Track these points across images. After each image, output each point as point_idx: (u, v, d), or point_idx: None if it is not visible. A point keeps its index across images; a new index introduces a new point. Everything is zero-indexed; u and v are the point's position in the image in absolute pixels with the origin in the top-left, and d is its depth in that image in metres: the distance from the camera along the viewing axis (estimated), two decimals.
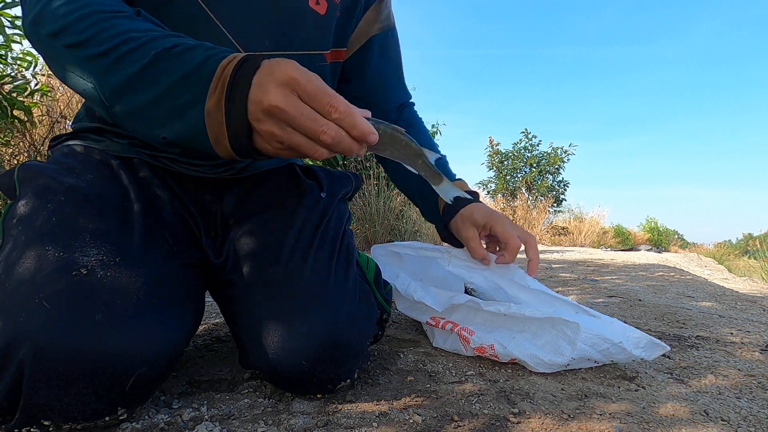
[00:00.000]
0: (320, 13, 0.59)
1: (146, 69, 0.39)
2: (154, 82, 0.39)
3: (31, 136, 2.00)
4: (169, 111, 0.39)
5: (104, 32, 0.39)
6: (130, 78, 0.39)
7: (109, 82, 0.40)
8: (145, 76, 0.39)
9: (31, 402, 0.39)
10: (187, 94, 0.38)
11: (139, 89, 0.39)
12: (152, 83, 0.39)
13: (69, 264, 0.42)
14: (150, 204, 0.54)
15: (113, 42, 0.39)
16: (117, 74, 0.39)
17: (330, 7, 0.60)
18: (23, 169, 0.51)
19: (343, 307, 0.53)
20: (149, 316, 0.44)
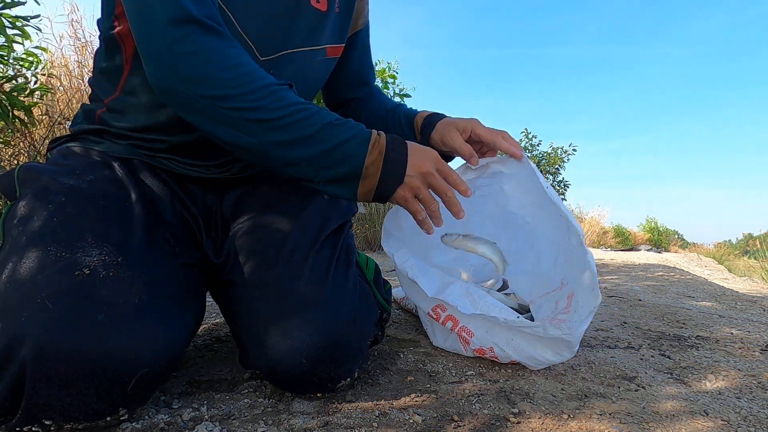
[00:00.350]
0: (321, 10, 0.61)
1: (320, 131, 0.50)
2: (323, 140, 0.50)
3: (31, 136, 2.00)
4: (333, 161, 0.51)
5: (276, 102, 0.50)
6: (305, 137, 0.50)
7: (278, 138, 0.50)
8: (319, 136, 0.50)
9: (33, 401, 0.39)
10: (351, 149, 0.51)
11: (308, 144, 0.50)
12: (322, 141, 0.50)
13: (71, 264, 0.42)
14: (151, 204, 0.54)
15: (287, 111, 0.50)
16: (289, 133, 0.50)
17: (330, 4, 0.62)
18: (24, 171, 0.51)
19: (343, 307, 0.53)
20: (151, 317, 0.44)
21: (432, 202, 0.55)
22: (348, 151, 0.51)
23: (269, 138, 0.50)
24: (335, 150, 0.51)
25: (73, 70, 2.34)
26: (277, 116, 0.49)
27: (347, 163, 0.51)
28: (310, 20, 0.61)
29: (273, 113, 0.49)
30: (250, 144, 0.50)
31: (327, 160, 0.51)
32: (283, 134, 0.50)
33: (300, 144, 0.50)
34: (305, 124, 0.50)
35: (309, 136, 0.50)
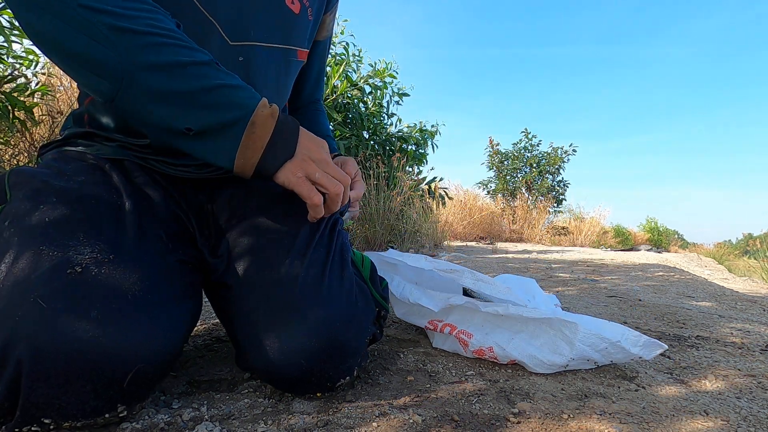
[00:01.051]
0: (295, 12, 0.63)
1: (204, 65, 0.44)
2: (206, 76, 0.44)
3: (32, 136, 2.00)
4: (211, 102, 0.44)
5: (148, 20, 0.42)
6: (182, 65, 0.43)
7: (148, 58, 0.42)
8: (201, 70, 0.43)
9: (30, 401, 0.39)
10: (237, 97, 0.45)
11: (189, 76, 0.43)
12: (204, 77, 0.43)
13: (63, 263, 0.42)
14: (143, 203, 0.54)
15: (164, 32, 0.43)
16: (163, 56, 0.42)
17: (302, 8, 0.64)
18: (14, 174, 0.51)
19: (340, 306, 0.53)
20: (145, 313, 0.44)
21: (334, 185, 0.50)
22: (235, 98, 0.45)
23: (133, 54, 0.41)
24: (220, 91, 0.44)
25: None
26: (149, 31, 0.42)
27: (232, 110, 0.45)
28: (283, 19, 0.62)
29: (144, 27, 0.42)
30: (105, 58, 0.41)
31: (208, 99, 0.44)
32: (156, 55, 0.42)
33: (171, 72, 0.43)
34: (184, 53, 0.43)
35: (183, 65, 0.43)
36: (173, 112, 0.44)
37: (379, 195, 3.07)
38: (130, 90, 0.43)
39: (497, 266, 2.37)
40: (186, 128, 0.45)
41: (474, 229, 5.64)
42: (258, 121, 0.46)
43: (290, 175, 0.49)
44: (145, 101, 0.44)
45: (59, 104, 2.17)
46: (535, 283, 0.96)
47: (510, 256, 3.25)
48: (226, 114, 0.45)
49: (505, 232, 6.40)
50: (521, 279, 1.00)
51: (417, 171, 3.96)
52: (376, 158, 3.23)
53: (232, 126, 0.46)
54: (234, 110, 0.45)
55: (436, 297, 0.74)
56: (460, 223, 5.34)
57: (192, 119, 0.45)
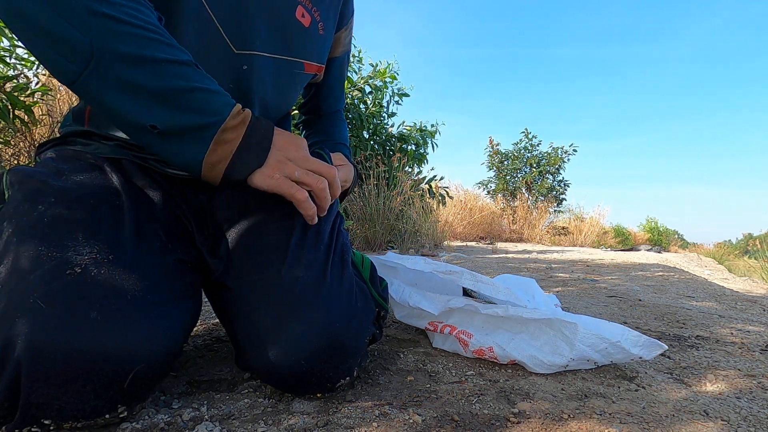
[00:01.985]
0: (305, 25, 0.63)
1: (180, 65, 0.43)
2: (181, 76, 0.43)
3: (32, 135, 2.00)
4: (182, 104, 0.43)
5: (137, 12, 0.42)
6: (156, 61, 0.41)
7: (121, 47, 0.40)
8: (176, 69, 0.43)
9: (30, 401, 0.39)
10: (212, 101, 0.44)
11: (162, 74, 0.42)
12: (179, 77, 0.43)
13: (62, 263, 0.42)
14: (141, 202, 0.54)
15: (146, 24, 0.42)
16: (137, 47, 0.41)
17: (312, 22, 0.64)
18: (12, 174, 0.51)
19: (340, 306, 0.53)
20: (145, 313, 0.44)
21: (316, 180, 0.50)
22: (207, 102, 0.44)
23: (110, 42, 0.40)
24: (193, 93, 0.43)
25: None
26: (133, 22, 0.41)
27: (203, 113, 0.43)
28: (291, 31, 0.62)
29: (128, 17, 0.41)
30: (77, 41, 0.40)
31: (178, 100, 0.42)
32: (132, 47, 0.40)
33: (149, 68, 0.41)
34: (162, 48, 0.42)
35: (163, 61, 0.42)
36: (138, 106, 0.43)
37: (379, 195, 3.07)
38: (95, 75, 0.41)
39: (497, 266, 2.37)
40: (150, 125, 0.43)
41: (474, 229, 5.65)
42: (229, 129, 0.45)
43: (266, 178, 0.48)
44: (110, 90, 0.42)
45: (59, 104, 2.17)
46: (535, 283, 0.96)
47: (510, 256, 3.25)
48: (196, 118, 0.44)
49: (505, 232, 6.40)
50: (521, 279, 1.00)
51: (417, 171, 3.96)
52: (376, 158, 3.23)
53: (201, 130, 0.44)
54: (205, 115, 0.44)
55: (435, 300, 0.74)
56: (460, 223, 5.34)
57: (158, 117, 0.43)
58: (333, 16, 0.70)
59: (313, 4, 0.64)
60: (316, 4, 0.65)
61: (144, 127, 0.44)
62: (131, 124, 0.44)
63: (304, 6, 0.62)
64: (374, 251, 2.96)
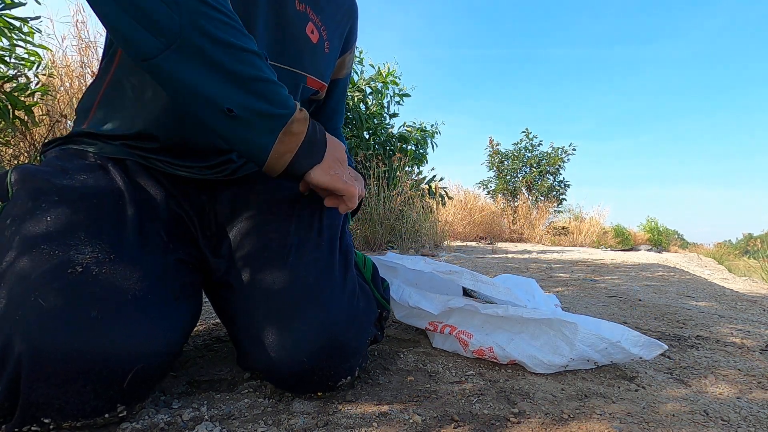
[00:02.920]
0: (313, 41, 0.65)
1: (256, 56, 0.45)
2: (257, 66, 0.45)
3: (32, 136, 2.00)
4: (258, 90, 0.45)
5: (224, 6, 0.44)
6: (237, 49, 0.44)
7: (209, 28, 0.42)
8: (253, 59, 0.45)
9: (30, 400, 0.39)
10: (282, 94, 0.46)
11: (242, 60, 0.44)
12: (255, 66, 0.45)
13: (64, 262, 0.42)
14: (144, 202, 0.54)
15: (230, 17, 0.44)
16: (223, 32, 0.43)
17: (320, 39, 0.66)
18: (16, 172, 0.51)
19: (342, 306, 0.53)
20: (145, 312, 0.44)
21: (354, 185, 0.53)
22: (280, 95, 0.46)
23: (198, 21, 0.42)
24: (268, 84, 0.46)
25: (75, 70, 2.34)
26: (218, 8, 0.43)
27: (274, 103, 0.46)
28: (301, 45, 0.63)
29: (214, 2, 0.43)
30: (167, 17, 0.41)
31: (257, 87, 0.45)
32: (215, 28, 0.43)
33: (230, 51, 0.43)
34: (240, 36, 0.45)
35: (241, 49, 0.44)
36: (220, 87, 0.44)
37: (379, 195, 3.07)
38: (181, 51, 0.42)
39: (497, 266, 2.37)
40: (228, 108, 0.44)
41: (474, 229, 5.65)
42: (296, 121, 0.47)
43: (324, 174, 0.51)
44: (192, 67, 0.43)
45: (59, 105, 2.17)
46: (535, 283, 0.96)
47: (510, 256, 3.25)
48: (270, 107, 0.45)
49: (505, 232, 6.40)
50: (521, 279, 1.00)
51: (417, 171, 3.96)
52: (376, 158, 3.23)
53: (273, 119, 0.46)
54: (276, 106, 0.46)
55: (435, 300, 0.74)
56: (460, 223, 5.34)
57: (237, 101, 0.44)
58: (339, 37, 0.71)
59: (322, 23, 0.66)
60: (324, 23, 0.66)
61: (220, 109, 0.44)
62: (208, 103, 0.44)
63: (314, 23, 0.64)
64: (374, 251, 2.96)
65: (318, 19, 0.65)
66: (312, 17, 0.64)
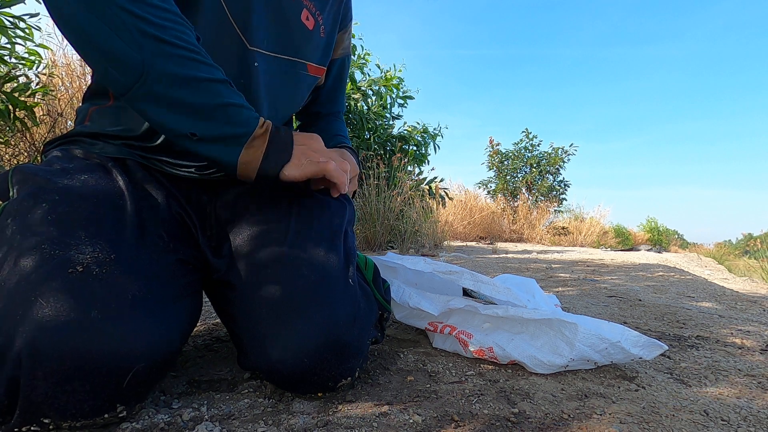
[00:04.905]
0: (309, 28, 0.65)
1: (218, 83, 0.48)
2: (218, 94, 0.48)
3: (32, 136, 2.00)
4: (219, 117, 0.49)
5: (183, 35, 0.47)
6: (199, 80, 0.47)
7: (170, 67, 0.45)
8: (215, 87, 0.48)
9: (29, 400, 0.39)
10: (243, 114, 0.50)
11: (204, 91, 0.47)
12: (217, 94, 0.48)
13: (64, 262, 0.42)
14: (144, 202, 0.54)
15: (191, 46, 0.47)
16: (184, 68, 0.46)
17: (316, 25, 0.66)
18: (17, 172, 0.51)
19: (343, 307, 0.53)
20: (144, 312, 0.44)
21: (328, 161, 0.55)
22: (238, 115, 0.50)
23: (159, 63, 0.45)
24: (226, 108, 0.49)
25: (76, 69, 2.34)
26: (176, 43, 0.46)
27: (235, 125, 0.50)
28: (298, 33, 0.64)
29: (173, 39, 0.46)
30: (129, 59, 0.44)
31: (214, 114, 0.49)
32: (178, 67, 0.46)
33: (188, 85, 0.47)
34: (200, 67, 0.48)
35: (200, 80, 0.47)
36: (181, 119, 0.48)
37: (380, 195, 3.07)
38: (144, 89, 0.46)
39: (497, 266, 2.37)
40: (191, 133, 0.49)
41: (474, 229, 5.65)
42: (257, 136, 0.51)
43: (295, 168, 0.53)
44: (156, 103, 0.47)
45: (60, 104, 2.17)
46: (535, 283, 0.96)
47: (510, 256, 3.25)
48: (231, 128, 0.50)
49: (505, 232, 6.40)
50: (521, 279, 1.00)
51: (418, 171, 3.96)
52: (377, 158, 3.23)
53: (235, 138, 0.50)
54: (237, 127, 0.50)
55: (435, 300, 0.74)
56: (461, 223, 5.35)
57: (198, 128, 0.48)
58: (333, 19, 0.72)
59: (317, 8, 0.66)
60: (319, 9, 0.67)
61: (185, 135, 0.49)
62: (173, 132, 0.49)
63: (309, 10, 0.65)
64: (374, 251, 2.96)
65: (312, 5, 0.65)
66: (306, 3, 0.64)
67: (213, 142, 0.50)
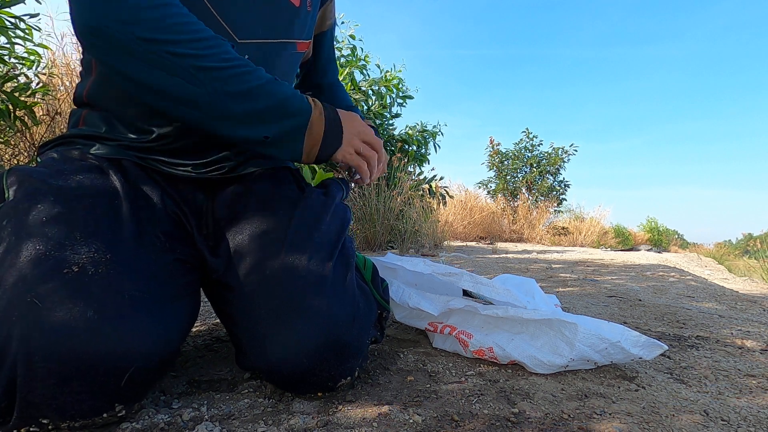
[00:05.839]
0: (295, 5, 0.66)
1: (266, 84, 0.53)
2: (270, 94, 0.53)
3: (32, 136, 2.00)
4: (279, 115, 0.54)
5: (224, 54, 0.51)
6: (251, 89, 0.51)
7: (227, 88, 0.50)
8: (266, 89, 0.53)
9: (27, 401, 0.39)
10: (296, 104, 0.55)
11: (258, 97, 0.52)
12: (269, 95, 0.53)
13: (60, 262, 0.42)
14: (141, 202, 0.54)
15: (233, 63, 0.51)
16: (238, 84, 0.51)
17: (302, 1, 0.67)
18: (12, 173, 0.51)
19: (342, 307, 0.53)
20: (142, 312, 0.44)
21: (372, 155, 0.63)
22: (293, 106, 0.55)
23: (219, 87, 0.50)
24: (282, 104, 0.54)
25: (75, 68, 2.34)
26: (225, 66, 0.50)
27: (294, 117, 0.55)
28: (285, 13, 0.64)
29: (220, 63, 0.50)
30: (196, 95, 0.50)
31: (276, 114, 0.54)
32: (232, 85, 0.50)
33: (249, 96, 0.51)
34: (251, 77, 0.52)
35: (256, 88, 0.52)
36: (254, 127, 0.53)
37: (380, 195, 3.07)
38: (217, 114, 0.51)
39: (497, 266, 2.37)
40: (264, 137, 0.54)
41: (474, 229, 5.64)
42: (314, 121, 0.56)
43: (345, 154, 0.60)
44: (232, 123, 0.52)
45: (60, 104, 2.17)
46: (535, 283, 0.96)
47: (510, 256, 3.25)
48: (291, 122, 0.55)
49: (505, 232, 6.40)
50: (521, 279, 1.00)
51: (418, 171, 3.96)
52: None
53: (296, 130, 0.55)
54: (297, 117, 0.55)
55: (435, 300, 0.74)
56: (461, 223, 5.34)
57: (269, 130, 0.54)
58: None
59: None
60: None
61: (259, 140, 0.54)
62: (249, 141, 0.55)
63: None
64: (374, 251, 2.96)
65: None
66: None
67: (282, 140, 0.55)
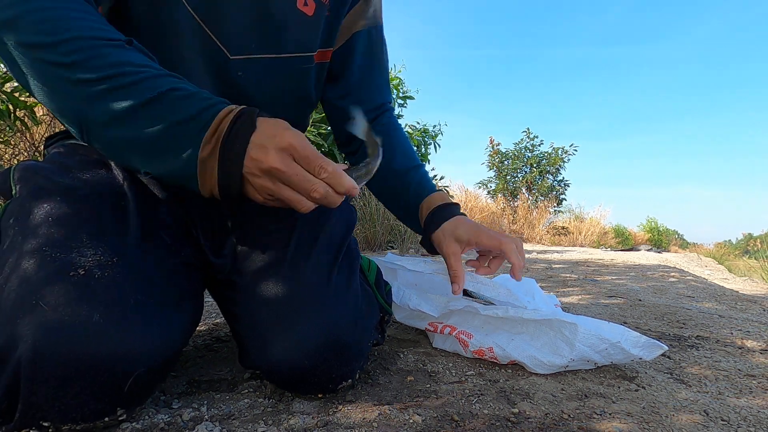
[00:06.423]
0: (308, 14, 0.58)
1: (147, 105, 0.40)
2: (153, 120, 0.40)
3: (32, 135, 2.00)
4: (161, 150, 0.41)
5: (97, 59, 0.39)
6: (127, 111, 0.40)
7: (101, 109, 0.40)
8: (145, 113, 0.40)
9: (29, 403, 0.39)
10: (184, 139, 0.41)
11: (133, 124, 0.40)
12: (150, 121, 0.40)
13: (66, 264, 0.42)
14: (146, 203, 0.54)
15: (107, 72, 0.39)
16: (112, 104, 0.40)
17: (318, 7, 0.59)
18: (20, 170, 0.51)
19: (345, 309, 0.53)
20: (146, 316, 0.44)
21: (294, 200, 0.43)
22: (181, 139, 0.41)
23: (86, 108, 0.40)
24: (167, 132, 0.40)
25: None
26: (97, 77, 0.39)
27: (179, 155, 0.41)
28: (296, 24, 0.58)
29: (91, 72, 0.39)
30: (67, 110, 0.41)
31: (157, 146, 0.41)
32: (108, 104, 0.39)
33: (125, 119, 0.40)
34: (133, 92, 0.39)
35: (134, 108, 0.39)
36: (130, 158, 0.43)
37: None
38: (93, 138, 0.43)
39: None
40: (145, 172, 0.44)
41: None
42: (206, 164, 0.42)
43: (255, 198, 0.45)
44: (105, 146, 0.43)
45: None
46: (535, 283, 0.96)
47: None
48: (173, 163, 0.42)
49: (505, 232, 6.41)
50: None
51: None
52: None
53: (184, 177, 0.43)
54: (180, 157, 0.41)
55: (435, 301, 0.74)
56: None
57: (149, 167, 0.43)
58: None
59: None
60: None
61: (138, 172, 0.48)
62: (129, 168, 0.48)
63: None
64: (374, 251, 2.96)
65: None
66: None
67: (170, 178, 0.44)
